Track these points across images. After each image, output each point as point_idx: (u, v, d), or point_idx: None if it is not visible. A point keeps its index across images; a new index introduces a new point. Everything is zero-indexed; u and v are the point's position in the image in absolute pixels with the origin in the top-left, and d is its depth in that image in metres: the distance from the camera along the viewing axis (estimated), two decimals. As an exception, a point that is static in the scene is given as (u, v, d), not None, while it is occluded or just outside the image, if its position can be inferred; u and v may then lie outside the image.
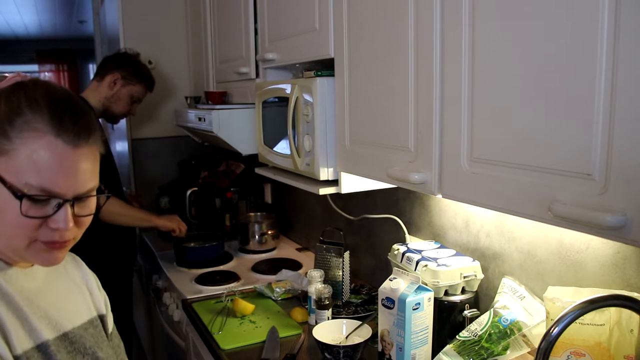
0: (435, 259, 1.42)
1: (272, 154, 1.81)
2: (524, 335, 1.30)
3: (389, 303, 1.30)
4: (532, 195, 0.90)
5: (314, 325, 1.52)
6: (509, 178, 0.94)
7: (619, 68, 0.75)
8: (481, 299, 1.44)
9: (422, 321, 1.29)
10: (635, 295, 1.00)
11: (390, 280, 1.33)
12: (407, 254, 1.48)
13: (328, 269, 1.84)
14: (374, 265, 2.02)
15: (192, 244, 2.46)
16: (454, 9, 1.03)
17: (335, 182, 1.55)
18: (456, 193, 1.09)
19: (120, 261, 2.35)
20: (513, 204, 0.94)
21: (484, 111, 0.99)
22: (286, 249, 2.57)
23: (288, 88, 1.63)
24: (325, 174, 1.53)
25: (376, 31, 1.28)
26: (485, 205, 1.02)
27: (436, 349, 1.32)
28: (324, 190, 1.55)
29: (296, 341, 1.59)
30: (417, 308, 1.27)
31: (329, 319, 1.62)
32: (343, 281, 1.84)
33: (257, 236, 2.50)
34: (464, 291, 1.40)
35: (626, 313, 1.03)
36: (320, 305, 1.64)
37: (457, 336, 1.30)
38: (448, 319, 1.37)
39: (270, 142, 1.82)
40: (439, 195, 1.13)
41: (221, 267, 2.32)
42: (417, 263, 1.42)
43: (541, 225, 1.26)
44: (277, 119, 1.73)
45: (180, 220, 2.37)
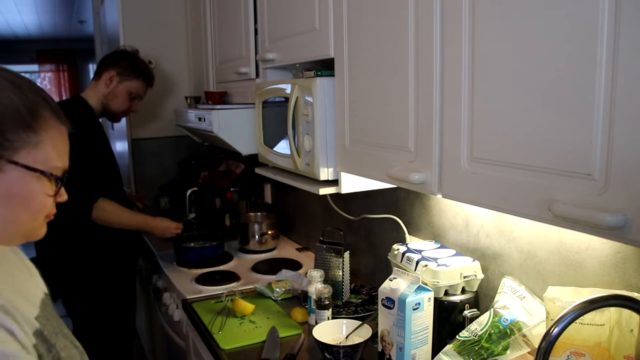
0: (435, 259, 1.42)
1: (272, 154, 1.81)
2: (524, 335, 1.30)
3: (389, 303, 1.30)
4: (532, 195, 0.90)
5: (314, 325, 1.52)
6: (509, 178, 0.94)
7: (619, 68, 0.75)
8: (481, 299, 1.44)
9: (422, 321, 1.29)
10: (635, 295, 1.00)
11: (390, 280, 1.33)
12: (407, 254, 1.48)
13: (328, 269, 1.84)
14: (374, 265, 2.02)
15: (192, 244, 2.46)
16: (454, 9, 1.03)
17: (335, 182, 1.55)
18: (456, 193, 1.09)
19: (123, 264, 2.33)
20: (513, 204, 0.94)
21: (484, 111, 0.99)
22: (286, 249, 2.57)
23: (288, 88, 1.63)
24: (325, 174, 1.53)
25: (376, 31, 1.28)
26: (485, 205, 1.02)
27: (436, 349, 1.32)
28: (324, 190, 1.55)
29: (296, 341, 1.59)
30: (417, 308, 1.27)
31: (329, 319, 1.62)
32: (343, 281, 1.84)
33: (257, 236, 2.50)
34: (464, 291, 1.40)
35: (626, 313, 1.03)
36: (320, 305, 1.64)
37: (457, 336, 1.30)
38: (448, 319, 1.37)
39: (270, 142, 1.82)
40: (439, 195, 1.13)
41: (221, 267, 2.32)
42: (417, 263, 1.42)
43: (541, 225, 1.26)
44: (277, 119, 1.73)
45: (169, 222, 2.32)
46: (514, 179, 0.93)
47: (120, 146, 3.50)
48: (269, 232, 2.52)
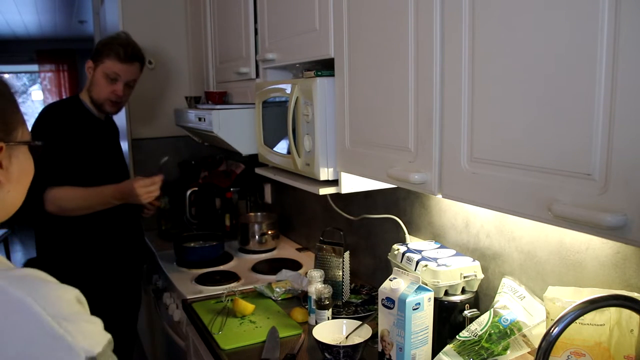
0: (435, 259, 1.42)
1: (272, 154, 1.81)
2: (524, 335, 1.30)
3: (389, 303, 1.30)
4: (532, 195, 0.90)
5: (314, 325, 1.52)
6: (509, 178, 0.94)
7: (619, 68, 0.75)
8: (481, 299, 1.44)
9: (422, 321, 1.29)
10: (635, 295, 1.00)
11: (390, 280, 1.33)
12: (407, 254, 1.48)
13: (328, 269, 1.84)
14: (374, 265, 2.02)
15: (192, 244, 2.46)
16: (454, 9, 1.03)
17: (335, 182, 1.55)
18: (456, 193, 1.09)
19: (127, 269, 2.24)
20: (513, 204, 0.94)
21: (484, 111, 0.99)
22: (286, 249, 2.57)
23: (288, 88, 1.63)
24: (325, 174, 1.53)
25: (376, 31, 1.28)
26: (485, 205, 1.02)
27: (436, 349, 1.32)
28: (324, 190, 1.55)
29: (296, 341, 1.59)
30: (417, 308, 1.27)
31: (329, 319, 1.62)
32: (343, 281, 1.84)
33: (257, 236, 2.50)
34: (464, 291, 1.40)
35: (626, 313, 1.03)
36: (320, 305, 1.64)
37: (457, 336, 1.30)
38: (448, 319, 1.37)
39: (270, 142, 1.82)
40: (439, 195, 1.13)
41: (221, 267, 2.32)
42: (417, 263, 1.42)
43: (541, 225, 1.26)
44: (277, 119, 1.73)
45: (140, 180, 1.95)
46: (514, 179, 0.93)
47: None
48: (269, 232, 2.52)
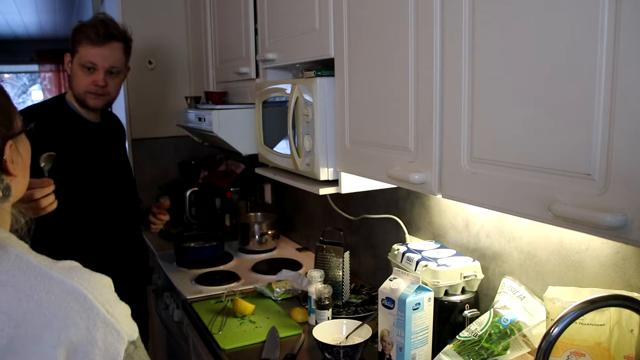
0: (435, 259, 1.42)
1: (272, 154, 1.81)
2: (524, 335, 1.30)
3: (389, 303, 1.30)
4: (532, 195, 0.90)
5: (314, 325, 1.52)
6: (509, 178, 0.94)
7: (619, 68, 0.75)
8: (481, 299, 1.44)
9: (422, 321, 1.29)
10: (635, 295, 1.00)
11: (390, 280, 1.33)
12: (407, 254, 1.48)
13: (328, 269, 1.84)
14: (374, 265, 2.02)
15: (192, 244, 2.46)
16: (454, 9, 1.03)
17: (335, 182, 1.55)
18: (456, 193, 1.09)
19: (131, 293, 1.89)
20: (513, 204, 0.94)
21: (484, 111, 0.99)
22: (286, 249, 2.57)
23: (288, 88, 1.63)
24: (325, 174, 1.53)
25: (376, 31, 1.28)
26: (485, 205, 1.02)
27: (436, 349, 1.32)
28: (324, 190, 1.55)
29: (296, 341, 1.59)
30: (417, 308, 1.27)
31: (329, 319, 1.62)
32: (343, 281, 1.84)
33: (257, 236, 2.50)
34: (464, 291, 1.40)
35: (626, 313, 1.03)
36: (320, 305, 1.64)
37: (457, 336, 1.30)
38: (448, 319, 1.37)
39: (270, 142, 1.82)
40: (439, 195, 1.13)
41: (221, 267, 2.32)
42: (417, 263, 1.42)
43: (541, 226, 1.26)
44: (277, 119, 1.73)
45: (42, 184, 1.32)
46: (514, 179, 0.93)
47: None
48: (269, 232, 2.52)
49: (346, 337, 1.47)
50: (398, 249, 1.53)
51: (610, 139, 0.77)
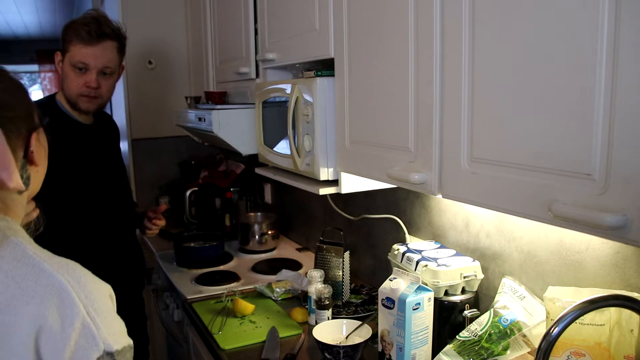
0: (435, 259, 1.42)
1: (272, 154, 1.81)
2: (524, 335, 1.30)
3: (389, 303, 1.30)
4: (532, 195, 0.90)
5: (314, 325, 1.52)
6: (509, 178, 0.94)
7: (619, 68, 0.75)
8: (481, 299, 1.44)
9: (422, 321, 1.29)
10: (635, 295, 1.00)
11: (390, 280, 1.33)
12: (407, 254, 1.48)
13: (328, 269, 1.84)
14: (374, 265, 2.02)
15: (192, 244, 2.46)
16: (454, 9, 1.03)
17: (335, 182, 1.55)
18: (456, 193, 1.09)
19: (127, 300, 1.81)
20: (513, 204, 0.94)
21: (484, 111, 0.99)
22: (286, 249, 2.57)
23: (288, 88, 1.63)
24: (325, 174, 1.53)
25: (376, 31, 1.28)
26: (485, 205, 1.02)
27: (436, 349, 1.32)
28: (324, 190, 1.55)
29: (296, 341, 1.59)
30: (417, 308, 1.27)
31: (329, 319, 1.62)
32: (343, 281, 1.84)
33: (257, 236, 2.50)
34: (464, 291, 1.40)
35: (626, 313, 1.03)
36: (320, 305, 1.64)
37: (457, 336, 1.30)
38: (448, 319, 1.37)
39: (270, 142, 1.82)
40: (439, 195, 1.13)
41: (221, 267, 2.32)
42: (417, 263, 1.42)
43: (541, 226, 1.26)
44: (277, 119, 1.73)
45: None
46: (514, 179, 0.93)
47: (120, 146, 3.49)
48: (269, 232, 2.52)
49: (346, 337, 1.47)
50: (398, 249, 1.53)
51: (610, 139, 0.77)
